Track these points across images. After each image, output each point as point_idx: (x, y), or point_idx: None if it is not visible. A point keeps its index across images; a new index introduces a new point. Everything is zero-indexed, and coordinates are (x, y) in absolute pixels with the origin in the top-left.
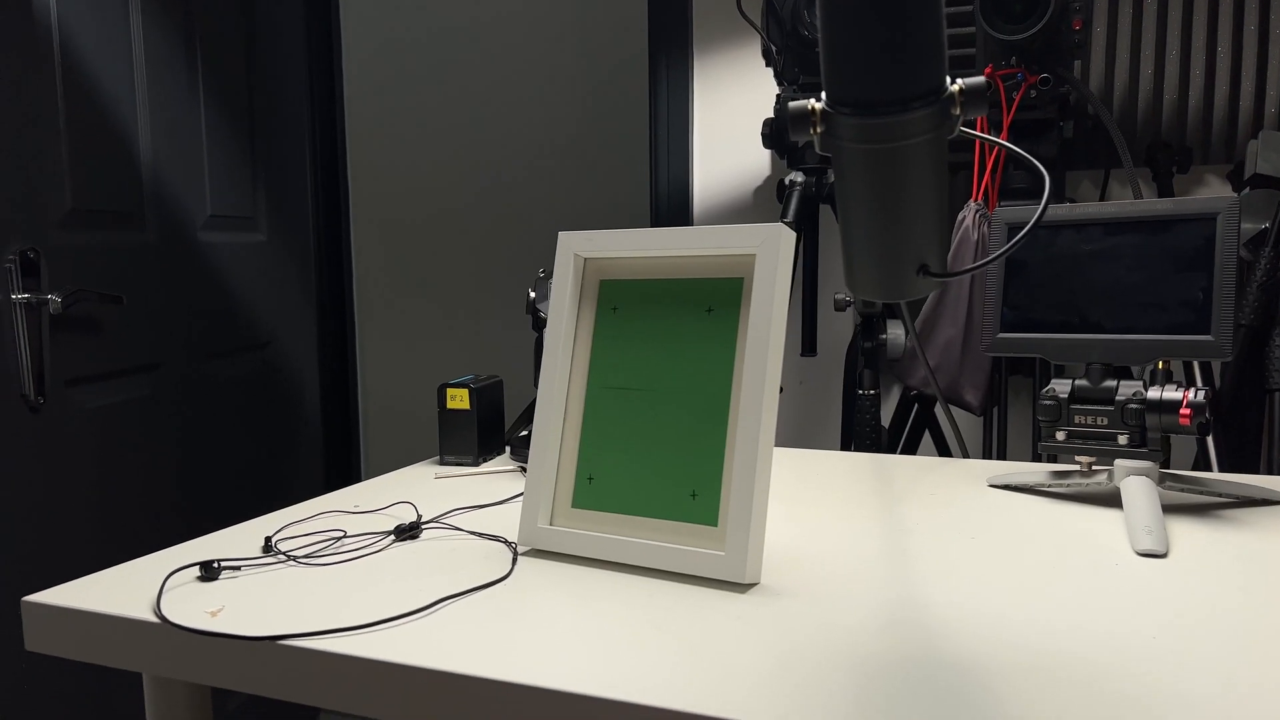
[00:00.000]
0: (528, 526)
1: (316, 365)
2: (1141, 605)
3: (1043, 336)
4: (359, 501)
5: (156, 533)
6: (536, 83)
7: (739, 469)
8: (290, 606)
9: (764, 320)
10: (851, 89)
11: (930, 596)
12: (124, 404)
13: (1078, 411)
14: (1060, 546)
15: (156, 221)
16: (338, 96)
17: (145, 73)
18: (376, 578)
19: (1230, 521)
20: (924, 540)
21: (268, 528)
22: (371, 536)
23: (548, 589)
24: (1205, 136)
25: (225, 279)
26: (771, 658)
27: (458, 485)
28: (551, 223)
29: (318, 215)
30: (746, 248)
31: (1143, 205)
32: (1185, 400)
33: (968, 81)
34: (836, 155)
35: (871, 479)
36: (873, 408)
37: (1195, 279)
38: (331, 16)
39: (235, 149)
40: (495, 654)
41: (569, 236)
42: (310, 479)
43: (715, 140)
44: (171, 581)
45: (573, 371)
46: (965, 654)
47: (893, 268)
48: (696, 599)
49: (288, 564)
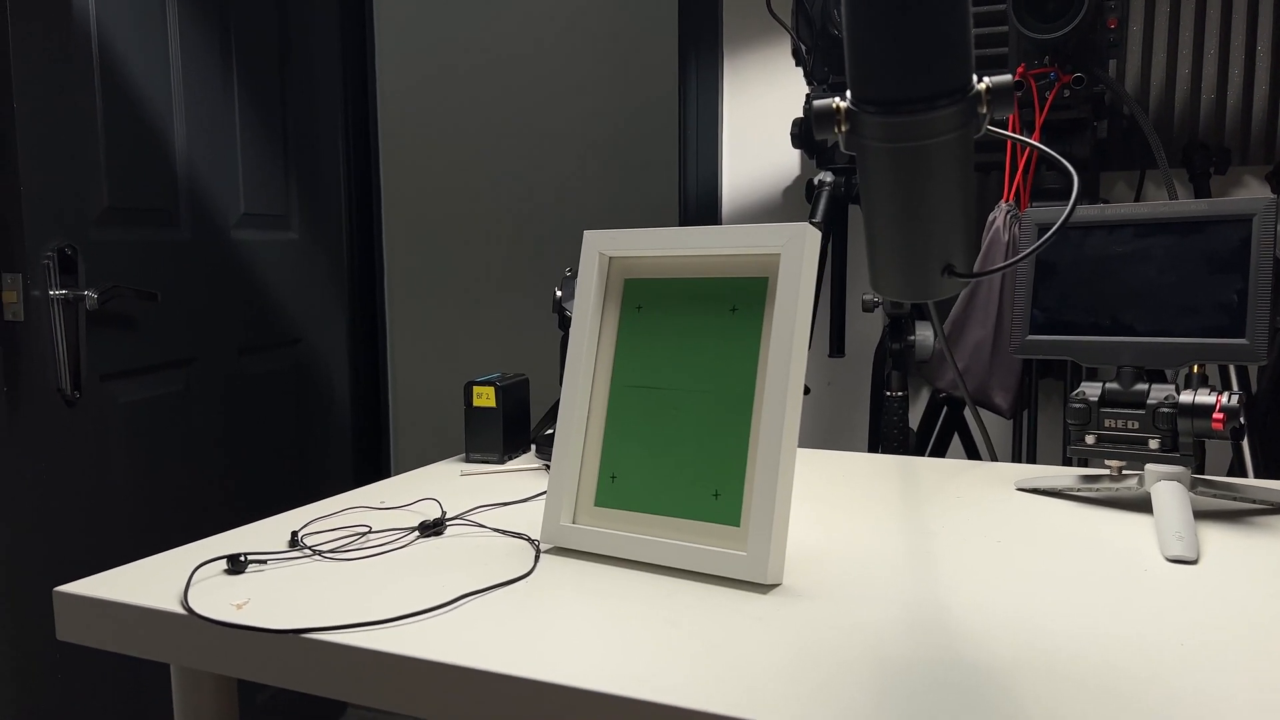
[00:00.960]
0: (550, 524)
1: (347, 362)
2: (1170, 612)
3: (1073, 339)
4: (385, 498)
5: (189, 526)
6: (567, 82)
7: (761, 469)
8: (314, 600)
9: (788, 320)
10: (876, 87)
11: (953, 600)
12: (158, 399)
13: (1108, 415)
14: (1088, 552)
15: (191, 219)
16: (370, 96)
17: (181, 73)
18: (400, 573)
19: (1263, 528)
20: (948, 543)
21: (294, 522)
22: (396, 532)
23: (569, 587)
24: (1244, 137)
25: (258, 276)
26: (792, 658)
27: (483, 483)
28: (580, 222)
29: (350, 214)
30: (771, 247)
31: (1176, 206)
32: (1218, 405)
33: (995, 80)
34: (861, 154)
35: (897, 481)
36: (900, 410)
37: (1230, 281)
38: (365, 16)
39: (269, 148)
40: (517, 650)
41: (594, 235)
42: (340, 474)
43: (744, 140)
44: (199, 574)
45: (596, 370)
46: (988, 658)
47: (918, 268)
48: (718, 599)
49: (313, 558)
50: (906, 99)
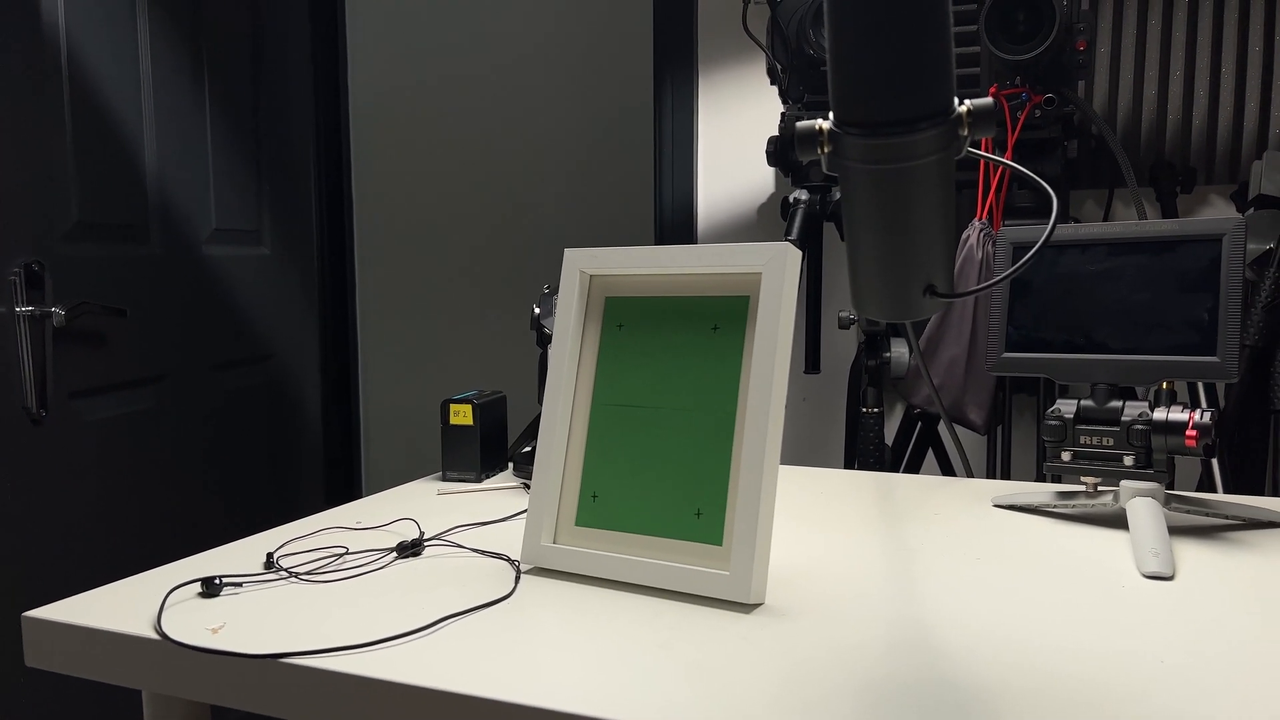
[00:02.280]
0: (531, 544)
1: (319, 379)
2: (1148, 628)
3: (1048, 356)
4: (361, 518)
5: (158, 547)
6: (541, 99)
7: (744, 488)
8: (292, 624)
9: (770, 338)
10: (859, 109)
11: (936, 617)
12: (127, 416)
13: (1083, 432)
14: (1066, 568)
15: (161, 235)
16: (342, 111)
17: (152, 87)
18: (379, 595)
19: (1237, 544)
20: (929, 560)
21: (269, 544)
22: (374, 553)
23: (551, 608)
24: (1209, 157)
25: (229, 292)
26: (777, 679)
27: (460, 502)
28: (554, 239)
29: (321, 230)
30: (753, 266)
31: (1148, 226)
32: (1191, 421)
33: (976, 102)
34: (844, 175)
35: (875, 498)
36: (876, 426)
37: (1201, 300)
38: (337, 30)
39: (240, 163)
40: (499, 674)
41: (575, 253)
42: (312, 492)
43: (719, 157)
44: (172, 598)
45: (577, 388)
46: (973, 676)
47: (899, 287)
48: (701, 619)
49: (290, 581)
50: (889, 121)
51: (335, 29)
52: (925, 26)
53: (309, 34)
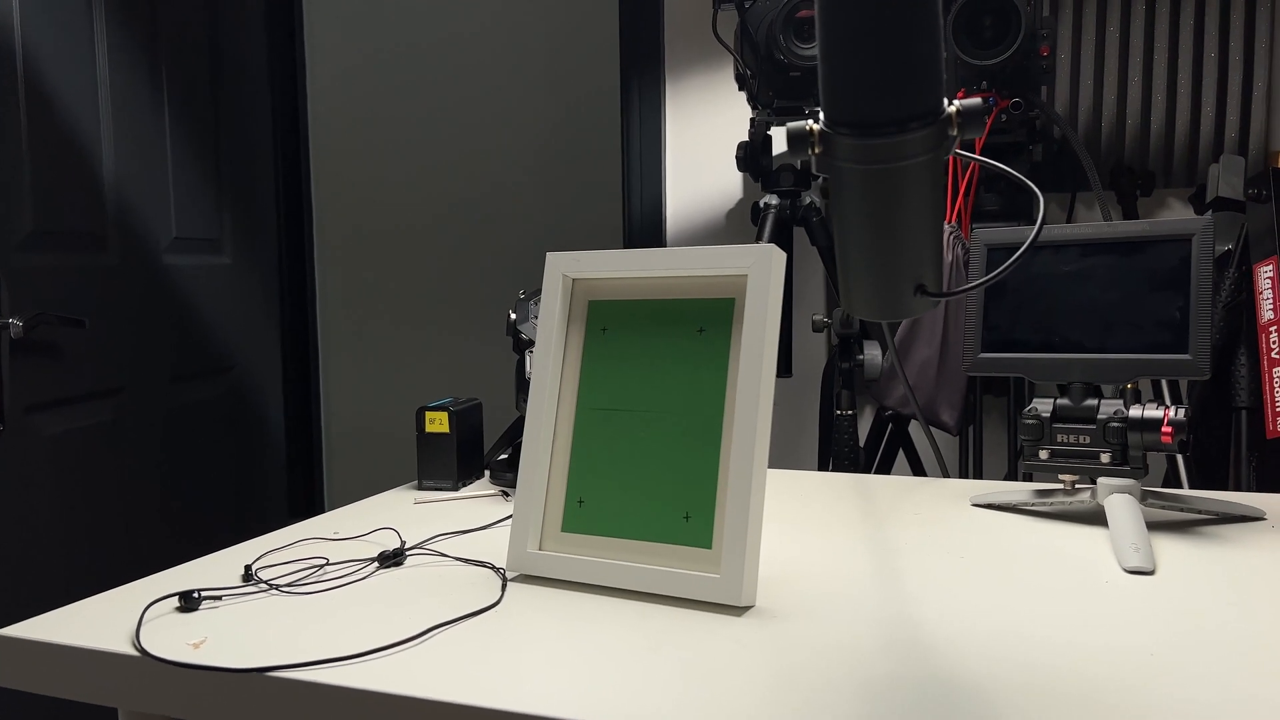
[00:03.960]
0: (517, 551)
1: (281, 389)
2: (1135, 622)
3: (1024, 356)
4: (338, 528)
5: (119, 562)
6: (506, 105)
7: (734, 490)
8: (276, 637)
9: (757, 340)
10: (851, 110)
11: (926, 616)
12: (86, 430)
13: (1060, 430)
14: (1048, 565)
15: (120, 244)
16: (301, 118)
17: (110, 94)
18: (363, 606)
19: (1212, 538)
20: (913, 560)
21: (246, 556)
22: (355, 564)
23: (540, 615)
24: (1167, 160)
25: (190, 302)
26: (773, 680)
27: (438, 510)
28: (521, 246)
29: (281, 238)
30: (738, 268)
31: (1119, 227)
32: (1166, 418)
33: (965, 103)
34: (835, 176)
35: (855, 499)
36: (851, 428)
37: (1172, 299)
38: (295, 39)
39: (201, 171)
40: (491, 682)
41: (557, 257)
42: (275, 505)
43: (688, 163)
44: (149, 613)
45: (561, 393)
46: (967, 673)
47: (890, 287)
48: (692, 622)
49: (270, 593)
50: (880, 122)
51: (293, 36)
52: (916, 28)
53: (266, 40)
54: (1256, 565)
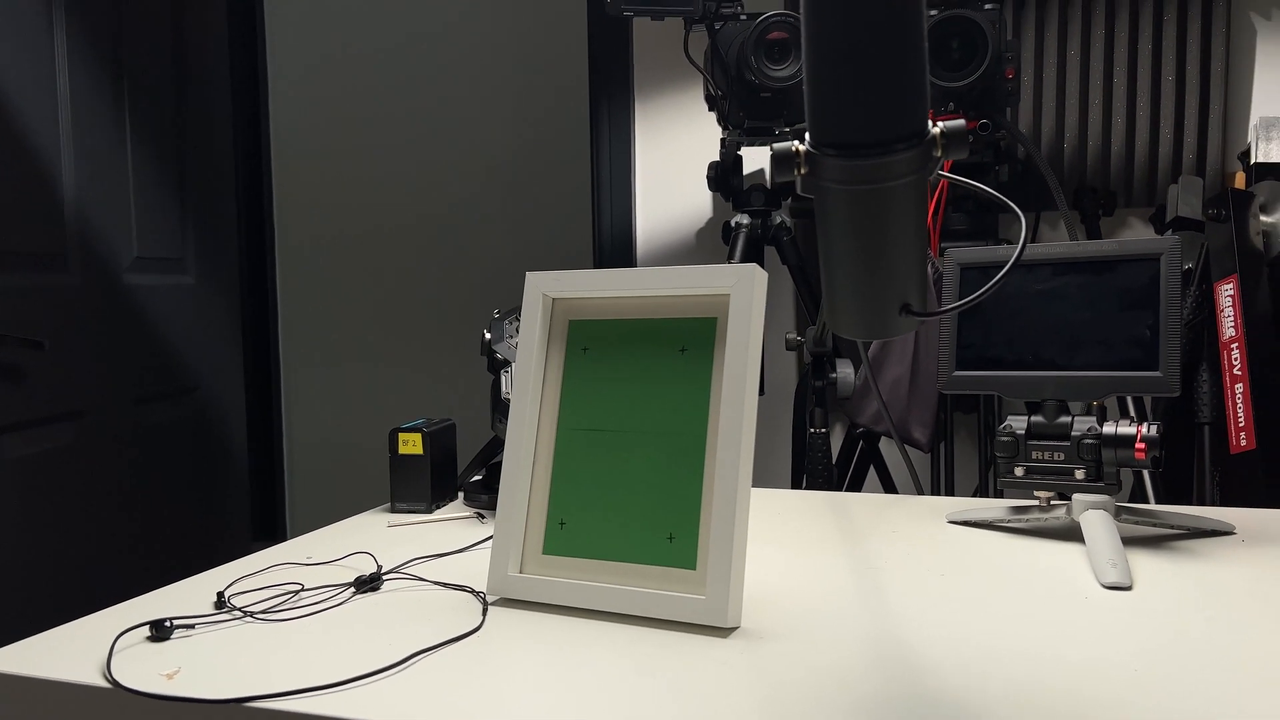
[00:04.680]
0: (497, 575)
1: (244, 411)
2: (1117, 637)
3: (997, 374)
4: (311, 553)
5: (82, 587)
6: (475, 124)
7: (718, 510)
8: (251, 666)
9: (740, 359)
10: (837, 131)
11: (911, 634)
12: (45, 454)
13: (1035, 447)
14: (1028, 581)
15: (81, 263)
16: (264, 136)
17: (70, 111)
18: (341, 632)
19: (1185, 552)
20: (895, 577)
21: (217, 582)
22: (330, 589)
23: (523, 639)
24: (1128, 181)
25: (152, 322)
26: (762, 702)
27: (413, 534)
28: (490, 266)
29: (244, 257)
30: (720, 288)
31: (1090, 247)
32: (1140, 435)
33: (948, 125)
34: (820, 196)
35: (832, 517)
36: (824, 446)
37: (1142, 317)
38: (259, 56)
39: (163, 189)
40: (476, 709)
41: (536, 276)
42: (238, 530)
43: (658, 183)
44: (119, 643)
45: (542, 413)
46: (956, 691)
47: (876, 307)
48: (678, 645)
49: (244, 620)
50: (867, 143)
51: (256, 54)
52: (902, 50)
53: (229, 59)
54: (1230, 579)
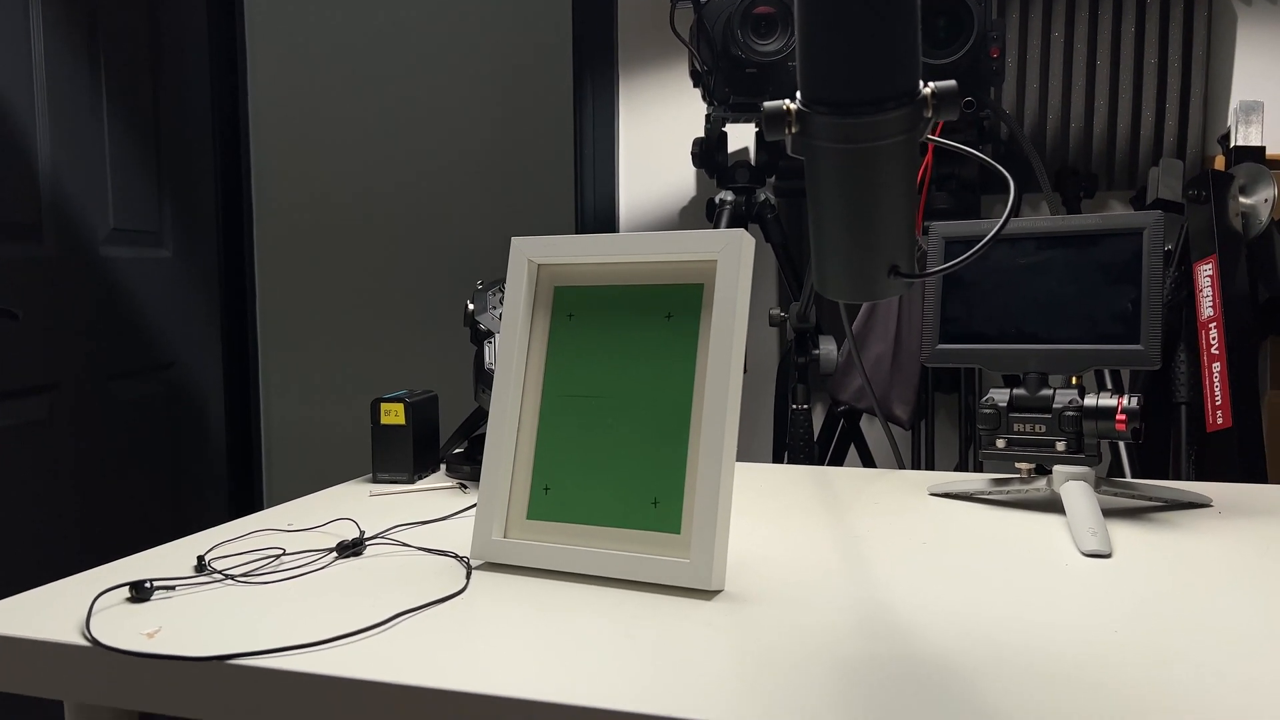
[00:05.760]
0: (481, 539)
1: (222, 387)
2: (1096, 602)
3: (981, 347)
4: (292, 520)
5: (52, 562)
6: (456, 98)
7: (703, 475)
8: (233, 626)
9: (727, 325)
10: (829, 88)
11: (895, 599)
12: (18, 427)
13: (1017, 419)
14: (1009, 550)
15: (56, 235)
16: (241, 107)
17: (45, 82)
18: (323, 595)
19: (1163, 523)
20: (877, 546)
21: (197, 547)
22: (312, 554)
23: (508, 601)
24: (1109, 163)
25: (128, 296)
26: (748, 661)
27: (395, 502)
28: (471, 241)
29: (220, 230)
30: (708, 253)
31: (1073, 221)
32: (1120, 406)
33: (939, 85)
34: (811, 156)
35: (814, 490)
36: (806, 422)
37: (1124, 291)
38: (237, 25)
39: (140, 162)
40: (464, 667)
41: (522, 242)
42: (216, 505)
43: (641, 159)
44: (98, 604)
45: (527, 379)
46: (940, 652)
47: (864, 268)
48: (662, 607)
49: (225, 583)
50: (858, 101)
51: (234, 22)
52: (894, 9)
53: (207, 28)
54: (1208, 548)
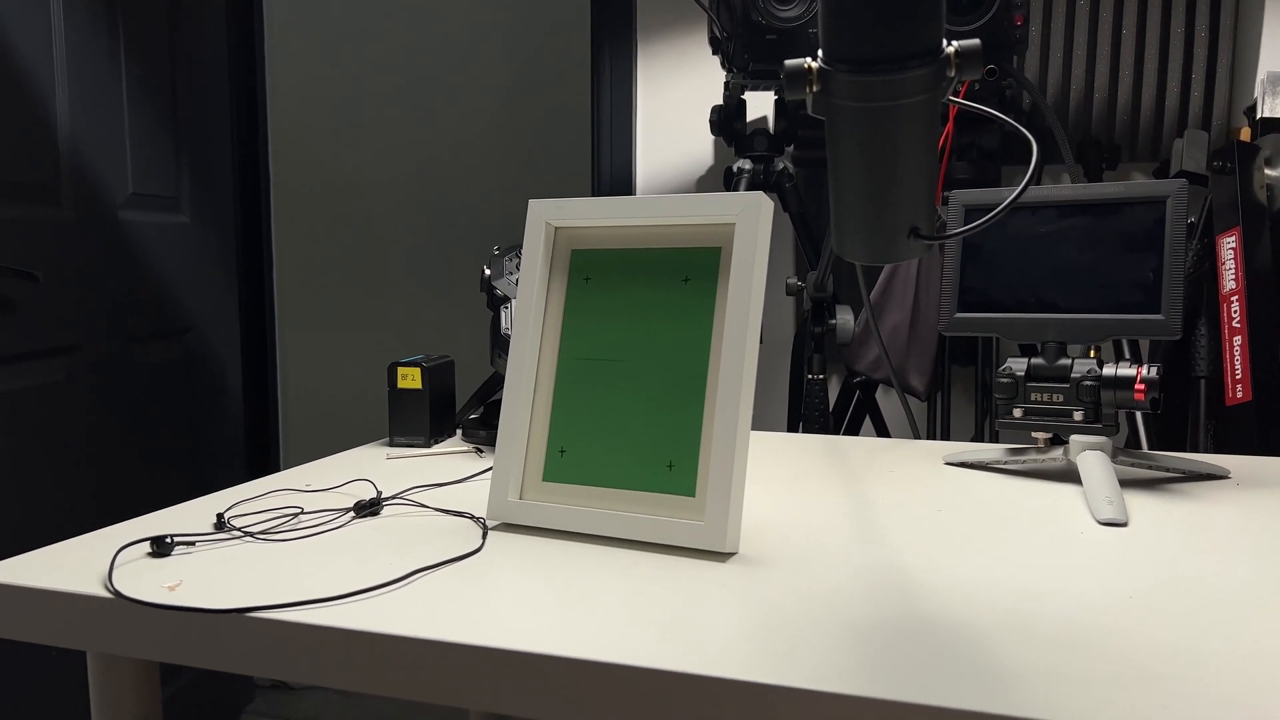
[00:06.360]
0: (497, 500)
1: (239, 352)
2: (1111, 569)
3: (999, 316)
4: (310, 481)
5: (71, 523)
6: (474, 66)
7: (719, 437)
8: (253, 581)
9: (744, 289)
10: (852, 46)
11: (908, 563)
12: (38, 388)
13: (1034, 389)
14: (1024, 518)
15: (75, 198)
16: (259, 72)
17: (64, 43)
18: (341, 553)
19: (1180, 494)
20: (891, 513)
21: (217, 505)
22: (330, 513)
23: (524, 560)
24: (1133, 134)
25: (146, 260)
26: (762, 620)
27: (412, 465)
28: (487, 209)
29: (238, 196)
30: (725, 216)
31: (1095, 189)
32: (1139, 376)
33: (963, 44)
34: (832, 115)
35: (829, 458)
36: (822, 392)
37: (1146, 260)
38: None
39: (158, 127)
40: (480, 622)
41: (540, 204)
42: (232, 469)
43: (659, 128)
44: (120, 558)
45: (543, 342)
46: (952, 615)
47: (884, 229)
48: (677, 568)
49: (244, 540)
50: (880, 58)
51: None
52: None
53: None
54: (1225, 518)
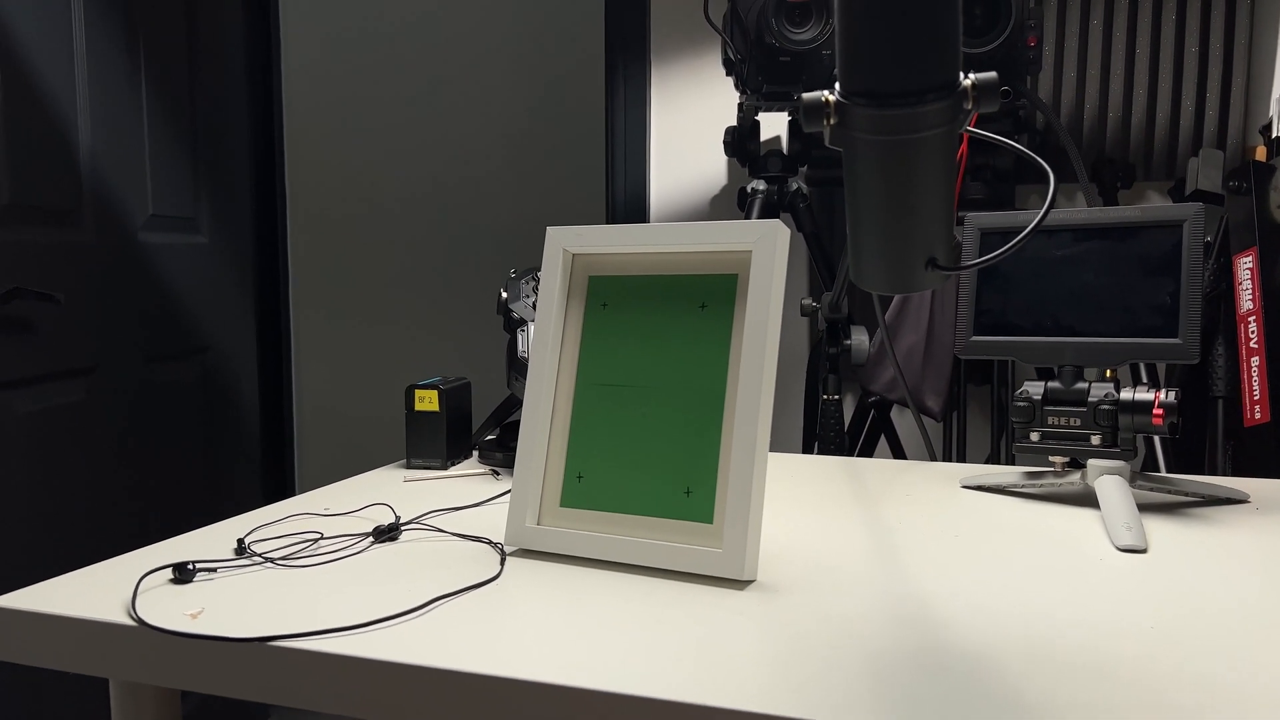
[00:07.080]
0: (515, 526)
1: (256, 372)
2: (1132, 597)
3: (1016, 340)
4: (329, 504)
5: (90, 544)
6: (489, 88)
7: (736, 465)
8: (274, 608)
9: (761, 316)
10: (869, 80)
11: (928, 591)
12: (58, 409)
13: (1051, 413)
14: (1043, 544)
15: (95, 220)
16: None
17: (86, 69)
18: (360, 579)
19: (1199, 519)
20: (910, 538)
21: (237, 530)
22: (349, 538)
23: (542, 588)
24: (1147, 154)
25: (165, 281)
26: (782, 650)
27: (429, 488)
28: (502, 230)
29: (256, 218)
30: (742, 244)
31: (1112, 213)
32: (1157, 401)
33: (979, 76)
34: (849, 147)
35: (845, 480)
36: (837, 413)
37: (1163, 284)
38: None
39: (178, 150)
40: (500, 652)
41: (557, 231)
42: (248, 488)
43: (672, 148)
44: (143, 585)
45: (561, 369)
46: (974, 645)
47: (902, 260)
48: (695, 596)
49: (265, 566)
50: (898, 92)
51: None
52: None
53: (243, 16)
54: (1244, 544)
